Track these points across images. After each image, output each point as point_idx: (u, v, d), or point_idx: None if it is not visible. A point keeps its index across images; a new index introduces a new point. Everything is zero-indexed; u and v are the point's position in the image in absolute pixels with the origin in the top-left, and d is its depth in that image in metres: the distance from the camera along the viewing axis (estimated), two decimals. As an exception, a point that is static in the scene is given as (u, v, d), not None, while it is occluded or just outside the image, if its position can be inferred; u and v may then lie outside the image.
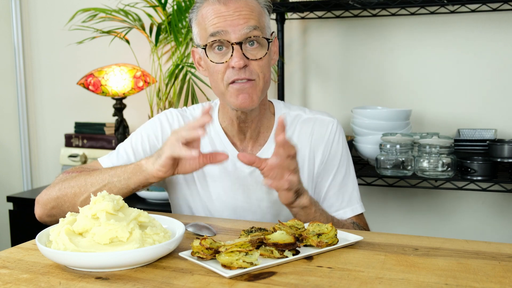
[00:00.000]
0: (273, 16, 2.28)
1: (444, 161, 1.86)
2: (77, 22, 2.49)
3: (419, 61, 2.21)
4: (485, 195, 2.16)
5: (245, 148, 1.38)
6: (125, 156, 1.38)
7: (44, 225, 1.28)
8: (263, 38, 1.25)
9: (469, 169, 1.86)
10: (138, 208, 1.04)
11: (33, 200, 1.34)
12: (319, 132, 1.39)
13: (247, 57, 1.23)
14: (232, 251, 0.90)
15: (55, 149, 2.95)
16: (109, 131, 2.70)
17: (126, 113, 2.61)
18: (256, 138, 1.38)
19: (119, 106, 2.47)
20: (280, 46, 2.31)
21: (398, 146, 1.90)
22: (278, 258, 0.94)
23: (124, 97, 2.45)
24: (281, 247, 0.95)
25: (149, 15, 2.38)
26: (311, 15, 2.30)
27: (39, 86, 2.97)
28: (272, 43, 1.28)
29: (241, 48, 1.22)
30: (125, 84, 2.38)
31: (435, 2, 1.99)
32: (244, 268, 0.89)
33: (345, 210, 1.40)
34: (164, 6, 2.28)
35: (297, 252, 0.97)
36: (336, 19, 2.30)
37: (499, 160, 1.84)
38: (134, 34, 2.51)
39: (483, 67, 2.13)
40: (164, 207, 2.15)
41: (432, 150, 1.86)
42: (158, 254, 0.94)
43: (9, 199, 2.48)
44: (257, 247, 0.97)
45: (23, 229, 2.46)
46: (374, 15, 2.20)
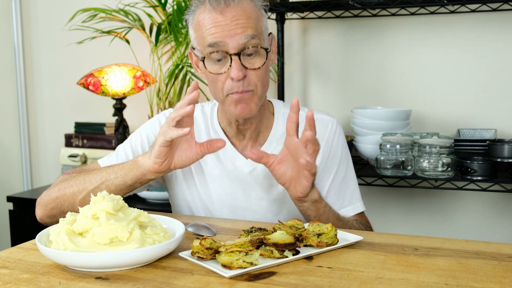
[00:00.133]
0: (273, 16, 2.28)
1: (444, 161, 1.86)
2: (77, 22, 2.49)
3: (419, 61, 2.21)
4: (485, 195, 2.16)
5: (244, 148, 1.38)
6: (125, 157, 1.39)
7: (44, 225, 1.28)
8: (261, 48, 1.24)
9: (469, 169, 1.86)
10: (138, 208, 1.04)
11: (33, 200, 1.35)
12: (319, 131, 1.38)
13: (245, 67, 1.23)
14: (232, 251, 0.90)
15: (55, 149, 2.95)
16: (109, 131, 2.70)
17: (126, 113, 2.61)
18: (255, 138, 1.38)
19: (119, 106, 2.47)
20: (280, 46, 2.31)
21: (398, 146, 1.90)
22: (278, 258, 0.94)
23: (124, 97, 2.45)
24: (281, 247, 0.95)
25: (149, 15, 2.38)
26: (311, 15, 2.30)
27: (39, 86, 2.97)
28: (270, 52, 1.28)
29: (239, 58, 1.22)
30: (125, 84, 2.38)
31: (435, 2, 1.99)
32: (244, 268, 0.89)
33: (347, 209, 1.40)
34: (164, 6, 2.27)
35: (297, 252, 0.97)
36: (336, 19, 2.30)
37: (499, 160, 1.84)
38: (134, 34, 2.51)
39: (483, 67, 2.13)
40: (164, 207, 2.15)
41: (432, 150, 1.86)
42: (158, 254, 0.94)
43: (9, 199, 2.48)
44: (257, 247, 0.97)
45: (23, 229, 2.46)
46: (374, 15, 2.20)
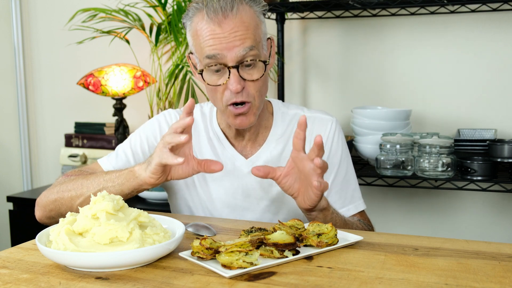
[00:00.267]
0: (273, 16, 2.28)
1: (444, 161, 1.86)
2: (77, 22, 2.49)
3: (419, 61, 2.21)
4: (485, 195, 2.16)
5: (244, 148, 1.38)
6: (124, 158, 1.38)
7: (44, 225, 1.28)
8: (260, 61, 1.23)
9: (469, 169, 1.86)
10: (138, 208, 1.04)
11: (33, 200, 1.35)
12: (319, 130, 1.39)
13: (244, 78, 1.22)
14: (232, 251, 0.90)
15: (55, 149, 2.95)
16: (109, 131, 2.70)
17: (126, 113, 2.61)
18: (255, 139, 1.38)
19: (119, 106, 2.46)
20: (280, 46, 2.31)
21: (398, 146, 1.90)
22: (278, 258, 0.94)
23: (124, 97, 2.45)
24: (281, 247, 0.95)
25: (149, 15, 2.39)
26: (311, 15, 2.30)
27: (39, 86, 2.97)
28: (268, 64, 1.27)
29: (238, 71, 1.21)
30: (125, 84, 2.38)
31: (435, 2, 1.99)
32: (244, 268, 0.89)
33: (348, 208, 1.40)
34: (164, 6, 2.27)
35: (297, 252, 0.97)
36: (336, 19, 2.30)
37: (499, 160, 1.84)
38: (134, 34, 2.51)
39: (483, 67, 2.13)
40: (164, 207, 2.15)
41: (432, 150, 1.86)
42: (158, 254, 0.94)
43: (9, 199, 2.48)
44: (257, 247, 0.97)
45: (23, 229, 2.46)
46: (374, 15, 2.20)
